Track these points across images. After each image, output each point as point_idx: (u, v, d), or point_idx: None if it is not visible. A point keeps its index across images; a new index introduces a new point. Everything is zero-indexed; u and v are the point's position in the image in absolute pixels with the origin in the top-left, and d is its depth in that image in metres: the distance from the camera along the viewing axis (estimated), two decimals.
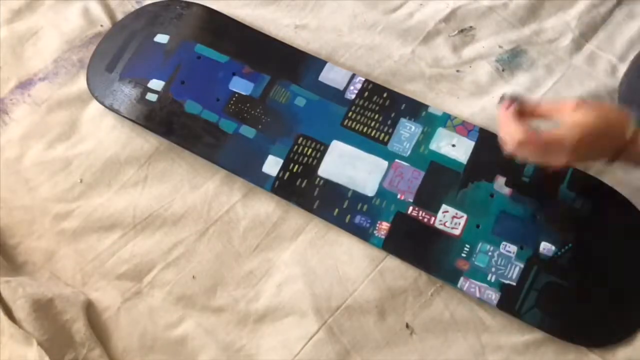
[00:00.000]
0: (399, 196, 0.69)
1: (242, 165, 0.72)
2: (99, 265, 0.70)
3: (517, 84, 0.74)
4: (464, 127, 0.71)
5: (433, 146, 0.70)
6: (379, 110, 0.73)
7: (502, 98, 0.59)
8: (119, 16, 0.83)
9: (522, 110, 0.58)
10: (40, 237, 0.72)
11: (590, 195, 0.67)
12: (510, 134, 0.57)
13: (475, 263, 0.65)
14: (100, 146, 0.75)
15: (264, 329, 0.67)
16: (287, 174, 0.71)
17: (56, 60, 0.81)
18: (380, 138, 0.71)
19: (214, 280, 0.69)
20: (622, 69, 0.74)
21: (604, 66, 0.76)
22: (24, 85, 0.80)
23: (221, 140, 0.73)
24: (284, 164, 0.71)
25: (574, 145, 0.54)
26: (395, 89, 0.74)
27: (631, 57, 0.74)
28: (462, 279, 0.65)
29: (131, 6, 0.83)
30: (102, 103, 0.76)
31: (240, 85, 0.75)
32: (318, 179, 0.70)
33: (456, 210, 0.67)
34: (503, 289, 0.64)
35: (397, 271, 0.67)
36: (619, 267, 0.64)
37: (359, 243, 0.68)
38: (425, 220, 0.67)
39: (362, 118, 0.72)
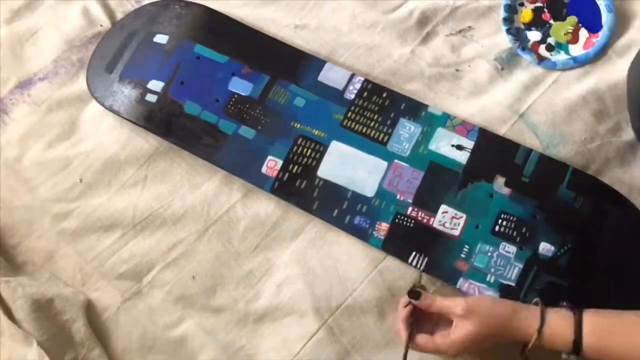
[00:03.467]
0: (398, 197, 0.68)
1: (242, 166, 0.72)
2: (98, 265, 0.70)
3: (516, 82, 0.74)
4: (463, 127, 0.71)
5: (432, 146, 0.70)
6: (379, 110, 0.72)
7: (409, 292, 0.61)
8: (119, 16, 0.83)
9: (421, 304, 0.60)
10: (40, 237, 0.72)
11: (590, 195, 0.67)
12: (398, 330, 0.61)
13: (475, 264, 0.65)
14: (100, 146, 0.76)
15: (263, 328, 0.67)
16: (287, 174, 0.71)
17: (56, 60, 0.81)
18: (380, 138, 0.71)
19: (214, 280, 0.69)
20: (622, 65, 0.74)
21: (604, 63, 0.75)
22: (24, 85, 0.80)
23: (220, 141, 0.73)
24: (283, 164, 0.71)
25: (458, 352, 0.57)
26: (395, 89, 0.74)
27: (630, 55, 0.74)
28: (461, 279, 0.65)
29: (131, 6, 0.83)
30: (102, 104, 0.76)
31: (240, 86, 0.75)
32: (317, 179, 0.70)
33: (455, 211, 0.67)
34: (502, 289, 0.64)
35: (397, 271, 0.67)
36: (618, 267, 0.64)
37: (358, 243, 0.68)
38: (425, 220, 0.67)
39: (362, 118, 0.72)
